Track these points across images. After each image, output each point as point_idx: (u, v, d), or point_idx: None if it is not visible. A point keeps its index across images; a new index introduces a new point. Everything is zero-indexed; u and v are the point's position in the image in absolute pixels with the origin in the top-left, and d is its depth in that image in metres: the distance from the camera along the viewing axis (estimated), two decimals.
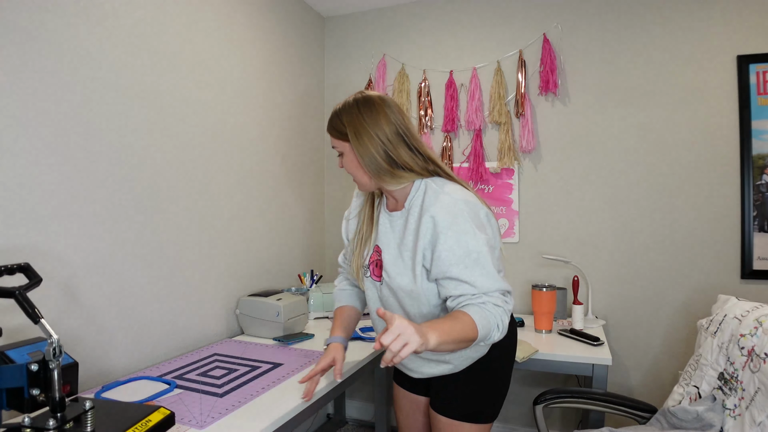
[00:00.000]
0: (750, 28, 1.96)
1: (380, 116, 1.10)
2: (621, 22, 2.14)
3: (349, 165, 1.15)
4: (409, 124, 1.14)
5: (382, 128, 1.09)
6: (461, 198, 1.08)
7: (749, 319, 1.28)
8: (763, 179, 1.95)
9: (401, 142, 1.11)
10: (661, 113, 2.09)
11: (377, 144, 1.09)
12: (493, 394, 1.23)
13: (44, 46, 1.22)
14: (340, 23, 2.64)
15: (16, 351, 0.90)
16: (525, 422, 2.35)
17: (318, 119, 2.61)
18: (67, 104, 1.28)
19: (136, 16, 1.49)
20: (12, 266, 0.94)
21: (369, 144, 1.09)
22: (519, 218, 2.31)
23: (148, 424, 0.93)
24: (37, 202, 1.20)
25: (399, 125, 1.11)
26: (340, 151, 1.16)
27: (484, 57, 2.35)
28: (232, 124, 1.93)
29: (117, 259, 1.43)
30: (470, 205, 1.08)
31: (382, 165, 1.10)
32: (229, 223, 1.92)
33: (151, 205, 1.55)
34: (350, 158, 1.13)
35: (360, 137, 1.09)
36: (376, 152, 1.09)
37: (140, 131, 1.51)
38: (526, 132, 2.25)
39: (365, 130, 1.09)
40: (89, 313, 1.34)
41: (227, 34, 1.90)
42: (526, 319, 2.12)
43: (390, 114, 1.11)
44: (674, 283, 2.09)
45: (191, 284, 1.72)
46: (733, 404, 1.23)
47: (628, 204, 2.15)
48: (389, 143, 1.09)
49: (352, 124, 1.10)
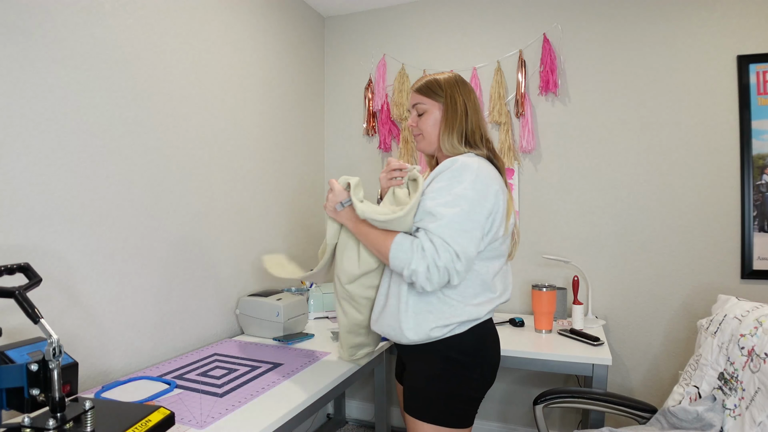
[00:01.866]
0: (750, 28, 1.96)
1: (472, 96, 1.28)
2: (621, 22, 2.14)
3: (428, 123, 1.28)
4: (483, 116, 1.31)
5: (471, 105, 1.26)
6: (476, 163, 1.15)
7: (749, 319, 1.28)
8: (763, 179, 1.95)
9: (479, 124, 1.27)
10: (661, 113, 2.09)
11: (463, 113, 1.25)
12: (452, 398, 1.17)
13: (44, 46, 1.22)
14: (340, 23, 2.64)
15: (16, 351, 0.90)
16: (525, 422, 2.35)
17: (318, 119, 2.61)
18: (67, 104, 1.28)
19: (137, 16, 1.49)
20: (12, 266, 0.94)
21: (457, 111, 1.24)
22: (519, 218, 2.31)
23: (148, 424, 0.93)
24: (37, 202, 1.20)
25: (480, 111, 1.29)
26: (424, 110, 1.28)
27: (484, 57, 2.35)
28: (232, 123, 1.93)
29: (117, 259, 1.43)
30: (481, 171, 1.14)
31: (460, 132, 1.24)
32: (229, 223, 1.92)
33: (152, 204, 1.55)
34: (433, 118, 1.27)
35: (455, 103, 1.25)
36: (462, 120, 1.24)
37: (140, 131, 1.51)
38: (526, 132, 2.25)
39: (459, 100, 1.25)
40: (89, 313, 1.34)
41: (227, 34, 1.90)
42: (526, 319, 2.12)
43: (476, 98, 1.29)
44: (674, 283, 2.09)
45: (191, 284, 1.72)
46: (733, 404, 1.23)
47: (628, 204, 2.15)
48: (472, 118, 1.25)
49: (451, 90, 1.26)
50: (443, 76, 1.29)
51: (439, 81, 1.28)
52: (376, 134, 2.55)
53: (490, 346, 1.24)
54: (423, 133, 1.29)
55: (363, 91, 2.58)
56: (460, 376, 1.18)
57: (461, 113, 1.24)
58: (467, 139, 1.25)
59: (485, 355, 1.21)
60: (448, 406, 1.17)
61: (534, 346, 1.76)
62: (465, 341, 1.18)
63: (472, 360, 1.19)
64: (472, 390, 1.19)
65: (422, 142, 1.31)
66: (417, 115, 1.30)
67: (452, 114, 1.25)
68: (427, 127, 1.28)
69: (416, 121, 1.31)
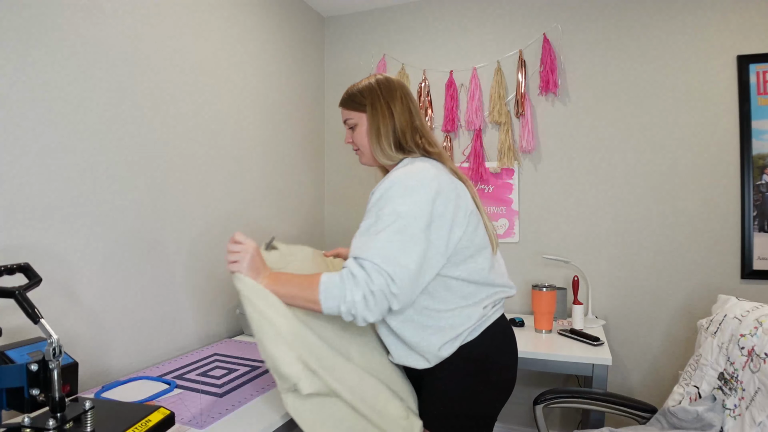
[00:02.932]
0: (750, 28, 1.96)
1: (396, 95, 1.19)
2: (621, 22, 2.14)
3: (360, 137, 1.22)
4: (419, 111, 1.23)
5: (397, 107, 1.18)
6: (415, 172, 1.07)
7: (749, 319, 1.28)
8: (763, 179, 1.95)
9: (410, 124, 1.19)
10: (661, 113, 2.09)
11: (389, 119, 1.17)
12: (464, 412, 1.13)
13: (44, 46, 1.22)
14: (340, 23, 2.64)
15: (16, 351, 0.90)
16: (525, 422, 2.35)
17: (318, 119, 2.61)
18: (66, 104, 1.28)
19: (137, 16, 1.49)
20: (12, 266, 0.94)
21: (383, 118, 1.17)
22: (519, 218, 2.31)
23: (148, 424, 0.93)
24: (37, 202, 1.20)
25: (411, 108, 1.20)
26: (354, 123, 1.22)
27: (484, 57, 2.35)
28: (231, 123, 1.93)
29: (117, 259, 1.43)
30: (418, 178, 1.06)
31: (389, 139, 1.17)
32: (230, 223, 1.92)
33: (152, 204, 1.55)
34: (362, 130, 1.21)
35: (376, 110, 1.18)
36: (387, 125, 1.17)
37: (140, 131, 1.51)
38: (526, 132, 2.25)
39: (382, 104, 1.17)
40: (89, 313, 1.34)
41: (227, 34, 1.90)
42: (526, 319, 2.12)
43: (404, 97, 1.20)
44: (674, 283, 2.09)
45: (191, 284, 1.72)
46: (733, 404, 1.23)
47: (628, 204, 2.15)
48: (399, 121, 1.18)
49: (372, 96, 1.19)
50: (363, 83, 1.22)
51: (359, 90, 1.21)
52: None
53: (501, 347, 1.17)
54: (360, 147, 1.23)
55: None
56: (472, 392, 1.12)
57: (387, 118, 1.17)
58: (399, 144, 1.17)
59: (498, 360, 1.16)
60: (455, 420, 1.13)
61: (534, 346, 1.76)
62: (475, 349, 1.12)
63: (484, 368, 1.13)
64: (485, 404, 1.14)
65: (363, 156, 1.25)
66: (349, 129, 1.24)
67: (377, 122, 1.17)
68: (362, 141, 1.21)
69: (351, 137, 1.25)
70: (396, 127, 1.17)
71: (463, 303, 1.12)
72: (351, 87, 1.24)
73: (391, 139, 1.17)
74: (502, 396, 1.17)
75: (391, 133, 1.17)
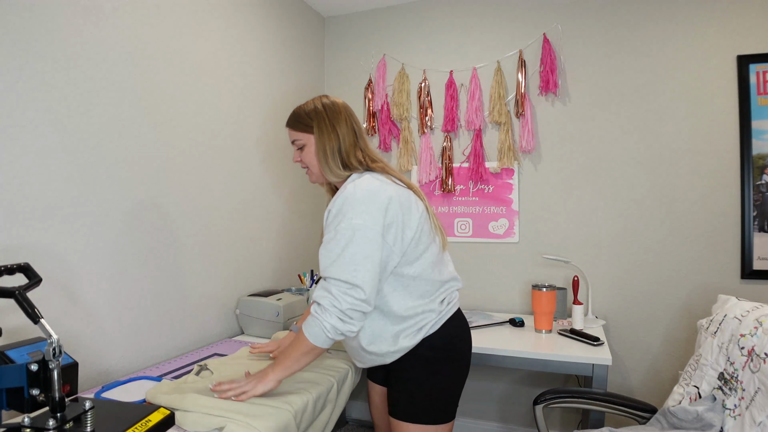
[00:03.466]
0: (750, 28, 1.96)
1: (341, 116, 1.27)
2: (621, 22, 2.14)
3: (308, 156, 1.29)
4: (362, 130, 1.31)
5: (342, 127, 1.26)
6: (363, 186, 1.16)
7: (749, 319, 1.28)
8: (763, 179, 1.95)
9: (354, 144, 1.27)
10: (661, 113, 2.09)
11: (335, 139, 1.24)
12: (430, 395, 1.24)
13: (44, 46, 1.22)
14: (340, 23, 2.64)
15: (16, 351, 0.90)
16: (525, 422, 2.35)
17: None
18: (66, 104, 1.28)
19: (137, 16, 1.49)
20: (12, 266, 0.94)
21: (329, 139, 1.24)
22: (519, 218, 2.31)
23: (148, 424, 0.93)
24: (37, 202, 1.20)
25: (355, 128, 1.28)
26: (302, 144, 1.29)
27: (484, 57, 2.35)
28: (231, 123, 1.93)
29: (117, 259, 1.43)
30: (367, 191, 1.14)
31: (336, 158, 1.24)
32: (229, 223, 1.92)
33: (151, 204, 1.55)
34: (311, 150, 1.27)
35: (323, 131, 1.25)
36: (333, 146, 1.24)
37: (140, 131, 1.51)
38: (526, 132, 2.24)
39: (327, 125, 1.25)
40: (89, 313, 1.34)
41: (227, 34, 1.90)
42: (526, 319, 2.12)
43: (348, 117, 1.28)
44: (674, 283, 2.09)
45: (191, 284, 1.72)
46: (733, 404, 1.23)
47: (628, 204, 2.15)
48: (345, 141, 1.25)
49: (318, 117, 1.26)
50: (310, 106, 1.29)
51: (306, 112, 1.28)
52: (376, 134, 2.55)
53: (461, 336, 1.29)
54: (309, 166, 1.30)
55: (363, 91, 2.58)
56: (437, 373, 1.24)
57: (333, 138, 1.24)
58: (344, 163, 1.25)
59: (457, 348, 1.28)
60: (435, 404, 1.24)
61: (534, 346, 1.76)
62: (437, 339, 1.24)
63: (446, 355, 1.25)
64: (451, 381, 1.26)
65: (312, 175, 1.32)
66: (297, 149, 1.31)
67: (323, 142, 1.24)
68: (311, 160, 1.28)
69: (299, 156, 1.31)
70: (341, 147, 1.25)
71: (421, 301, 1.22)
72: (297, 108, 1.31)
73: (337, 159, 1.24)
74: (460, 377, 1.30)
75: (337, 152, 1.24)
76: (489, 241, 2.36)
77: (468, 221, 2.40)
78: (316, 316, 1.11)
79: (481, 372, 2.41)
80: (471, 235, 2.39)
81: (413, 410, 1.23)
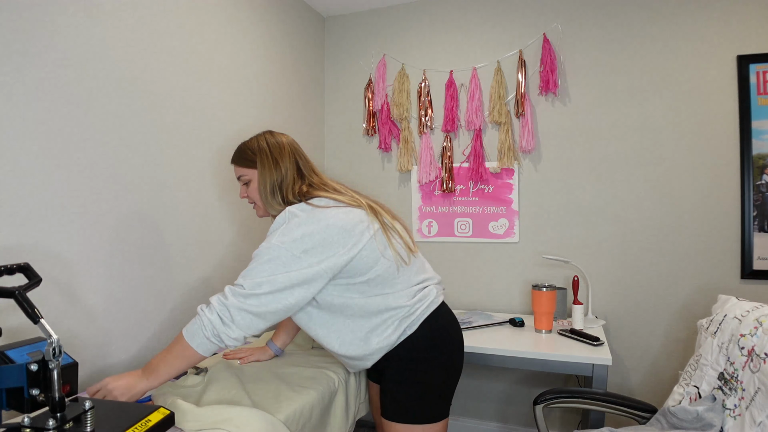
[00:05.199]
0: (750, 28, 1.96)
1: (284, 152, 1.29)
2: (621, 22, 2.14)
3: (253, 192, 1.30)
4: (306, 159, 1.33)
5: (285, 162, 1.27)
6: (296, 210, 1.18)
7: (749, 319, 1.28)
8: (763, 179, 1.95)
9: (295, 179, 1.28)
10: (661, 113, 2.09)
11: (277, 175, 1.26)
12: (416, 394, 1.24)
13: (44, 45, 1.22)
14: (340, 23, 2.64)
15: (16, 351, 0.90)
16: (525, 422, 2.35)
17: (318, 119, 2.61)
18: (67, 104, 1.28)
19: (137, 16, 1.49)
20: (12, 266, 0.94)
21: (271, 174, 1.26)
22: (519, 218, 2.31)
23: (148, 424, 0.93)
24: (37, 202, 1.20)
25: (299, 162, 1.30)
26: (247, 179, 1.31)
27: (484, 57, 2.35)
28: (231, 123, 1.93)
29: (117, 259, 1.43)
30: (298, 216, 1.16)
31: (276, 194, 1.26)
32: (230, 223, 1.92)
33: (152, 204, 1.55)
34: (254, 186, 1.30)
35: (264, 166, 1.27)
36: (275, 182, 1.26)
37: (140, 131, 1.51)
38: (526, 132, 2.24)
39: (269, 162, 1.27)
40: (89, 313, 1.34)
41: (227, 33, 1.90)
42: (526, 319, 2.12)
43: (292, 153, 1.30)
44: (674, 283, 2.09)
45: (191, 284, 1.72)
46: (733, 404, 1.23)
47: (628, 204, 2.15)
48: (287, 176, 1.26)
49: (261, 153, 1.28)
50: (252, 142, 1.31)
51: (249, 147, 1.30)
52: (376, 134, 2.55)
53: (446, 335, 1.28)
54: (255, 201, 1.32)
55: (363, 91, 2.58)
56: (423, 372, 1.24)
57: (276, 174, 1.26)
58: (284, 198, 1.26)
59: (442, 347, 1.26)
60: (423, 403, 1.24)
61: (534, 346, 1.76)
62: (418, 338, 1.23)
63: (429, 354, 1.24)
64: (439, 380, 1.25)
65: (259, 209, 1.34)
66: (243, 185, 1.33)
67: (265, 177, 1.26)
68: (256, 196, 1.30)
69: (245, 192, 1.33)
70: (282, 183, 1.26)
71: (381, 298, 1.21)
72: (242, 144, 1.33)
73: (278, 195, 1.26)
74: (448, 376, 1.28)
75: (278, 188, 1.26)
76: (489, 241, 2.36)
77: (468, 221, 2.40)
78: (200, 316, 1.10)
79: (481, 372, 2.41)
80: (471, 235, 2.39)
81: (399, 409, 1.24)
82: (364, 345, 1.22)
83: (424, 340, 1.24)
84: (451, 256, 2.44)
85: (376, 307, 1.20)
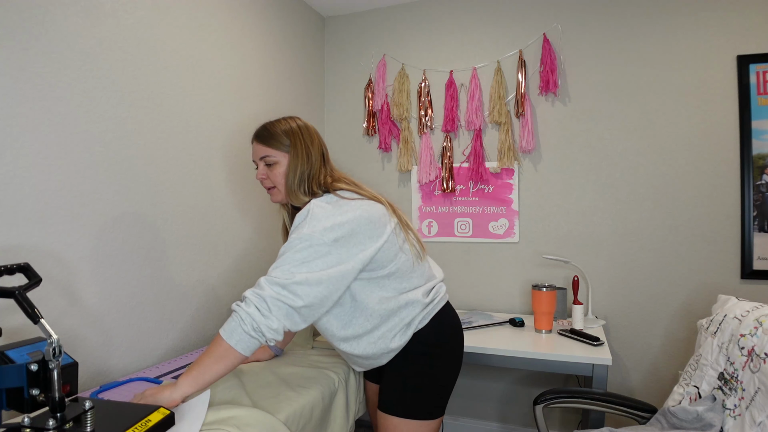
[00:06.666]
0: (750, 28, 1.96)
1: (315, 139, 1.28)
2: (621, 22, 2.14)
3: (278, 176, 1.26)
4: (327, 151, 1.32)
5: (314, 151, 1.26)
6: (323, 202, 1.17)
7: (749, 319, 1.28)
8: (763, 179, 1.95)
9: (320, 168, 1.27)
10: (661, 113, 2.09)
11: (307, 163, 1.24)
12: (420, 390, 1.24)
13: (44, 45, 1.22)
14: (340, 23, 2.64)
15: (16, 351, 0.90)
16: (525, 422, 2.35)
17: (318, 119, 2.61)
18: (67, 104, 1.28)
19: (137, 17, 1.49)
20: (12, 266, 0.94)
21: (302, 162, 1.24)
22: (519, 218, 2.31)
23: (148, 424, 0.93)
24: (37, 202, 1.20)
25: (323, 151, 1.30)
26: (274, 161, 1.25)
27: (484, 57, 2.35)
28: (231, 123, 1.93)
29: (117, 259, 1.43)
30: (326, 208, 1.14)
31: (303, 183, 1.24)
32: (230, 223, 1.92)
33: (152, 204, 1.55)
34: (281, 170, 1.25)
35: (297, 153, 1.24)
36: (304, 169, 1.24)
37: (140, 131, 1.51)
38: (526, 132, 2.24)
39: (302, 147, 1.25)
40: (89, 313, 1.34)
41: (227, 34, 1.90)
42: (526, 319, 2.12)
43: (320, 141, 1.29)
44: (674, 283, 2.09)
45: (191, 284, 1.72)
46: (733, 404, 1.23)
47: (628, 204, 2.15)
48: (314, 165, 1.25)
49: (295, 138, 1.25)
50: (285, 125, 1.27)
51: (283, 129, 1.26)
52: (376, 134, 2.55)
53: (452, 332, 1.30)
54: (277, 185, 1.27)
55: (363, 91, 2.58)
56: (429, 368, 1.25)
57: (306, 161, 1.24)
58: (310, 188, 1.24)
59: (449, 343, 1.28)
60: (424, 400, 1.24)
61: (534, 346, 1.76)
62: (427, 335, 1.25)
63: (437, 351, 1.26)
64: (442, 376, 1.26)
65: (278, 195, 1.29)
66: (266, 166, 1.27)
67: (296, 164, 1.24)
68: (280, 180, 1.26)
69: (266, 173, 1.27)
70: (311, 172, 1.24)
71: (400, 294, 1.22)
72: (270, 125, 1.28)
73: (305, 183, 1.24)
74: (451, 373, 1.29)
75: (306, 177, 1.24)
76: (489, 241, 2.36)
77: (468, 221, 2.40)
78: (237, 312, 1.06)
79: (481, 372, 2.41)
80: (471, 235, 2.39)
81: (401, 404, 1.24)
82: (381, 344, 1.22)
83: (433, 336, 1.25)
84: (451, 256, 2.44)
85: (396, 303, 1.21)
